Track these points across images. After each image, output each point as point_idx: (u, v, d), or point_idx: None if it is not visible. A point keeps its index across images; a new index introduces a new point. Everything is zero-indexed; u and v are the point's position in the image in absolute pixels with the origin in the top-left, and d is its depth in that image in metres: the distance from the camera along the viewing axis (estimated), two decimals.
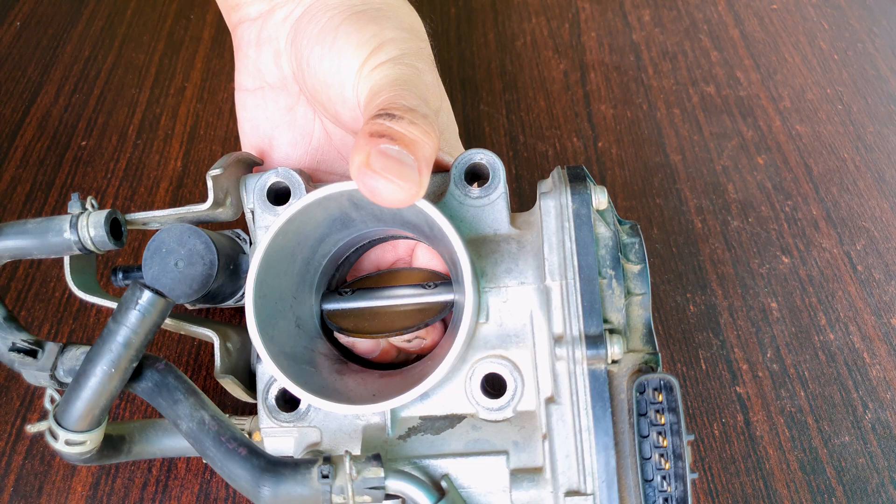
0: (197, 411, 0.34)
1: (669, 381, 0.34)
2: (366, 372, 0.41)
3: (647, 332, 0.37)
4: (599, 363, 0.34)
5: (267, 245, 0.36)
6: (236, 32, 0.46)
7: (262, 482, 0.32)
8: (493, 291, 0.38)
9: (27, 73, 0.72)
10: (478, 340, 0.38)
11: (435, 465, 0.36)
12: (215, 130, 0.67)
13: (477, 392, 0.38)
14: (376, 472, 0.32)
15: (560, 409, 0.36)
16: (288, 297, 0.40)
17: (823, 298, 0.56)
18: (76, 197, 0.39)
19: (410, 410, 0.38)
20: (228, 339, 0.42)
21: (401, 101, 0.35)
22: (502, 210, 0.39)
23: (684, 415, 0.33)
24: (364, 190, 0.33)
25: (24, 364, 0.37)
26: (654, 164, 0.64)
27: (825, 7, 0.79)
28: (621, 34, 0.76)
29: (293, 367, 0.37)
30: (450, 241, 0.35)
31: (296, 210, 0.36)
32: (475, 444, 0.37)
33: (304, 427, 0.39)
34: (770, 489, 0.46)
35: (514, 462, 0.36)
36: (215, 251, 0.41)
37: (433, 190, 0.40)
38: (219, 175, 0.40)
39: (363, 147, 0.33)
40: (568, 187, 0.37)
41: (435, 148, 0.35)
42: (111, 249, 0.40)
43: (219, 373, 0.41)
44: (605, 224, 0.37)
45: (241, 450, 0.33)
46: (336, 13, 0.41)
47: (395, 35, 0.40)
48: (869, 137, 0.66)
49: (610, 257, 0.37)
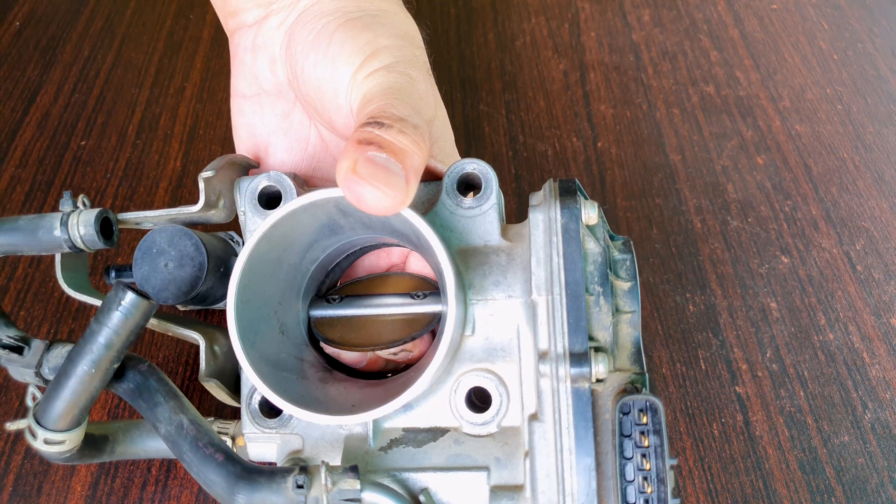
0: (176, 415, 0.34)
1: (654, 403, 0.33)
2: (349, 381, 0.41)
3: (636, 351, 0.36)
4: (583, 382, 0.34)
5: (251, 250, 0.36)
6: (233, 39, 0.46)
7: (237, 489, 0.32)
8: (479, 304, 0.37)
9: (27, 72, 0.72)
10: (464, 353, 0.38)
11: (415, 478, 0.36)
12: (215, 130, 0.67)
13: (461, 406, 0.37)
14: (352, 484, 0.32)
15: (543, 427, 0.35)
16: (273, 303, 0.39)
17: (823, 298, 0.56)
18: (68, 195, 0.39)
19: (393, 422, 0.38)
20: (216, 342, 0.42)
21: (391, 110, 0.35)
22: (493, 221, 0.38)
23: (668, 438, 0.33)
24: (350, 196, 0.32)
25: (10, 360, 0.37)
26: (653, 164, 0.64)
27: (825, 7, 0.79)
28: (621, 34, 0.76)
29: (274, 375, 0.36)
30: (435, 253, 0.35)
31: (281, 215, 0.36)
32: (456, 458, 0.36)
33: (287, 434, 0.39)
34: (769, 489, 0.46)
35: (495, 479, 0.36)
36: (205, 253, 0.41)
37: (425, 198, 0.40)
38: (211, 177, 0.40)
39: (351, 154, 0.32)
40: (557, 201, 0.36)
41: (424, 158, 0.34)
42: (102, 248, 0.40)
43: (203, 376, 0.40)
44: (594, 239, 0.36)
45: (217, 455, 0.32)
46: (331, 19, 0.40)
47: (390, 42, 0.39)
48: (868, 137, 0.66)
49: (598, 273, 0.36)
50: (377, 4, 0.42)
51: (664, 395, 0.51)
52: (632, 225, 0.60)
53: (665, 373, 0.52)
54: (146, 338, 0.54)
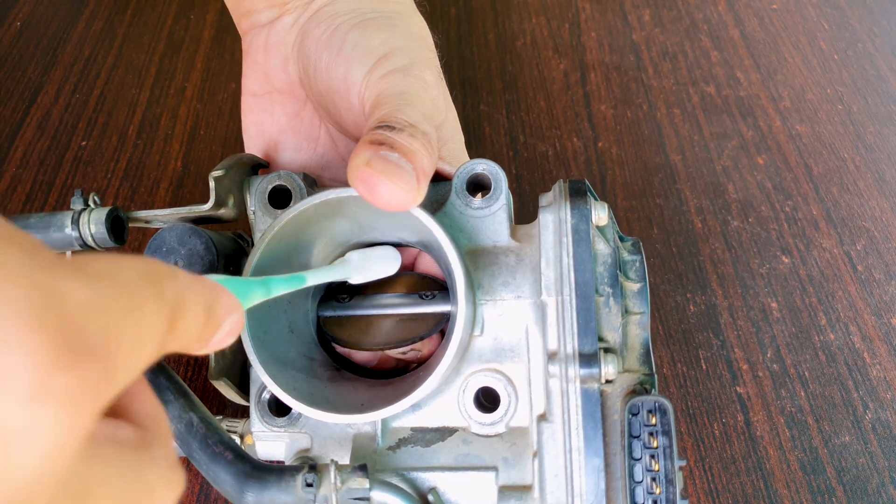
0: (186, 413, 0.34)
1: (663, 404, 0.33)
2: (359, 380, 0.41)
3: (645, 353, 0.36)
4: (592, 382, 0.34)
5: (261, 250, 0.36)
6: (246, 38, 0.46)
7: (247, 487, 0.32)
8: (488, 304, 0.37)
9: (27, 73, 0.72)
10: (472, 353, 0.38)
11: (423, 477, 0.36)
12: (215, 131, 0.67)
13: (470, 406, 0.37)
14: (361, 483, 0.32)
15: (551, 428, 0.35)
16: (282, 302, 0.39)
17: (823, 298, 0.56)
18: (79, 193, 0.39)
19: (402, 421, 0.38)
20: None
21: (401, 115, 0.35)
22: (503, 222, 0.38)
23: (677, 439, 0.33)
24: (363, 190, 0.33)
25: None
26: (654, 164, 0.64)
27: (825, 7, 0.79)
28: (621, 34, 0.76)
29: (283, 373, 0.37)
30: (444, 253, 0.35)
31: (291, 215, 0.36)
32: (465, 458, 0.36)
33: (296, 433, 0.39)
34: (770, 489, 0.46)
35: (503, 479, 0.36)
36: (215, 252, 0.41)
37: (435, 199, 0.40)
38: (221, 176, 0.40)
39: (363, 152, 0.33)
40: (567, 202, 0.36)
41: (433, 162, 0.35)
42: (112, 247, 0.40)
43: (212, 374, 0.40)
44: (604, 240, 0.36)
45: (227, 454, 0.33)
46: (345, 20, 0.40)
47: (404, 44, 0.39)
48: (869, 137, 0.66)
49: (608, 274, 0.36)
50: (392, 6, 0.42)
51: (665, 395, 0.51)
52: (632, 225, 0.60)
53: (666, 373, 0.52)
54: None
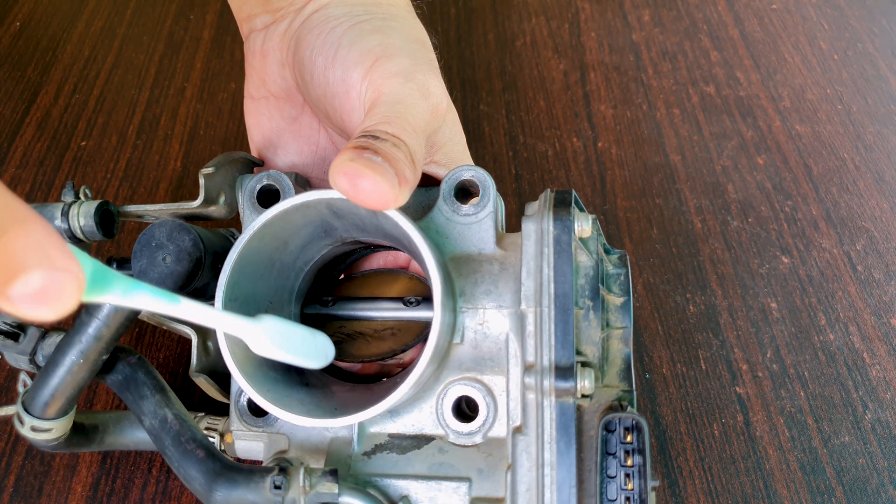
0: (161, 409, 0.34)
1: (640, 423, 0.32)
2: (338, 384, 0.41)
3: (626, 368, 0.35)
4: (568, 396, 0.33)
5: (241, 248, 0.36)
6: (247, 42, 0.47)
7: (216, 486, 0.32)
8: (469, 312, 0.37)
9: (27, 73, 0.72)
10: (452, 361, 0.37)
11: (396, 485, 0.36)
12: (215, 131, 0.67)
13: (448, 414, 0.37)
14: (330, 488, 0.32)
15: (526, 440, 0.34)
16: (262, 303, 0.39)
17: (823, 298, 0.55)
18: (70, 185, 0.39)
19: (379, 427, 0.38)
20: (209, 338, 0.42)
21: (387, 128, 0.35)
22: (489, 230, 0.38)
23: (651, 458, 0.32)
24: (345, 183, 0.32)
25: (6, 346, 0.37)
26: (653, 164, 0.64)
27: (825, 7, 0.79)
28: (621, 34, 0.76)
29: (260, 374, 0.36)
30: (422, 258, 0.34)
31: (272, 215, 0.35)
32: (439, 467, 0.36)
33: (274, 434, 0.39)
34: (770, 489, 0.46)
35: (476, 490, 0.35)
36: (202, 249, 0.41)
37: (424, 203, 0.40)
38: (211, 173, 0.40)
39: (347, 152, 0.33)
40: (550, 212, 0.36)
41: (415, 173, 0.34)
42: (100, 240, 0.40)
43: (193, 371, 0.40)
44: (587, 253, 0.36)
45: (198, 452, 0.33)
46: (338, 24, 0.40)
47: (402, 45, 0.39)
48: (869, 137, 0.66)
49: (589, 287, 0.35)
50: (384, 9, 0.42)
51: (664, 395, 0.51)
52: (632, 225, 0.60)
53: (665, 373, 0.52)
54: (146, 338, 0.54)
